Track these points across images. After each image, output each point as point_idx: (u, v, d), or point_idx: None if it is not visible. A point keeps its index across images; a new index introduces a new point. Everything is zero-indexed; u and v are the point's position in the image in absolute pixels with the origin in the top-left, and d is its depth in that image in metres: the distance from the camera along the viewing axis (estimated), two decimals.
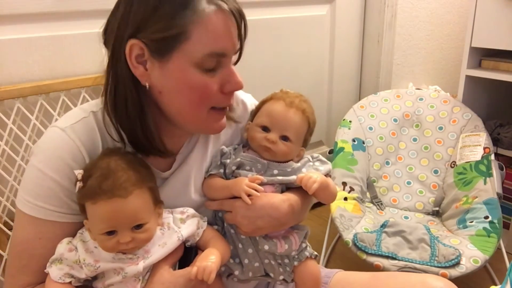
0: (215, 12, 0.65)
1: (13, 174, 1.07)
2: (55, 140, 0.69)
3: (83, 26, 1.18)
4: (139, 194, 0.65)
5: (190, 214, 0.75)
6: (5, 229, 1.06)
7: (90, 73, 1.20)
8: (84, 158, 0.69)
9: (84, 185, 0.65)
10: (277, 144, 0.78)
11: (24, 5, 1.07)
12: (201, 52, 0.65)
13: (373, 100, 1.73)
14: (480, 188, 1.38)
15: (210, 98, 0.69)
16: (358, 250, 1.24)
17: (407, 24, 1.93)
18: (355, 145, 1.60)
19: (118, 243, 0.64)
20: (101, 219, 0.64)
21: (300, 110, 0.80)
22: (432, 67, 2.12)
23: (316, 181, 0.75)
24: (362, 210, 1.44)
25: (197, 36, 0.65)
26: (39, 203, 0.67)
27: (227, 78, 0.69)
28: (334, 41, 1.86)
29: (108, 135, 0.72)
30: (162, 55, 0.66)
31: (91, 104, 0.76)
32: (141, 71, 0.67)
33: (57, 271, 0.66)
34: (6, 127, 1.05)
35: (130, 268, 0.65)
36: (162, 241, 0.69)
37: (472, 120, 1.59)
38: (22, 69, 1.10)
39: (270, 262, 0.79)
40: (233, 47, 0.69)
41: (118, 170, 0.64)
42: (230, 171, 0.79)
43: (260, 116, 0.82)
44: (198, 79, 0.67)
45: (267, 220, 0.75)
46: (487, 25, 1.52)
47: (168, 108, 0.70)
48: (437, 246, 1.23)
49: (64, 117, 0.73)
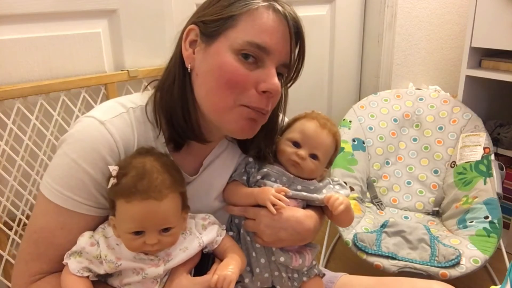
0: (266, 8, 0.68)
1: (13, 174, 1.07)
2: (93, 132, 0.67)
3: (83, 26, 1.18)
4: (172, 198, 0.65)
5: (211, 220, 0.75)
6: (5, 229, 1.06)
7: (90, 73, 1.20)
8: (120, 155, 0.68)
9: (118, 182, 0.64)
10: (306, 160, 0.80)
11: (24, 5, 1.07)
12: (242, 39, 0.67)
13: (373, 100, 1.73)
14: (480, 188, 1.38)
15: (238, 87, 0.68)
16: (358, 250, 1.24)
17: (407, 24, 1.93)
18: (355, 145, 1.60)
19: (144, 243, 0.64)
20: (132, 218, 0.63)
21: (332, 132, 0.83)
22: (432, 67, 2.12)
23: (343, 203, 0.77)
24: (362, 210, 1.44)
25: (243, 25, 0.67)
26: (68, 193, 0.66)
27: (264, 77, 0.68)
28: (334, 41, 1.86)
29: (143, 134, 0.72)
30: (209, 38, 0.69)
31: (129, 99, 0.75)
32: (189, 53, 0.71)
33: (76, 264, 0.65)
34: (6, 127, 1.04)
35: (151, 270, 0.66)
36: (183, 246, 0.69)
37: (472, 120, 1.59)
38: (22, 69, 1.10)
39: (281, 274, 0.79)
40: (278, 48, 0.68)
41: (154, 172, 0.64)
42: (255, 180, 0.80)
43: (292, 132, 0.83)
44: (230, 63, 0.67)
45: (290, 233, 0.75)
46: (487, 25, 1.52)
47: (199, 91, 0.71)
48: (437, 246, 1.23)
49: (102, 109, 0.72)
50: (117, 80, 1.21)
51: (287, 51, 0.70)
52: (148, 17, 1.27)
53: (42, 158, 1.11)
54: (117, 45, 1.24)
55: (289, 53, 0.70)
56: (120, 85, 1.22)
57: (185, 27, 0.73)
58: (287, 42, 0.69)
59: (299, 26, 0.72)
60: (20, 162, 1.07)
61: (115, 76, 1.21)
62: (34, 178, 1.11)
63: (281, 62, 0.70)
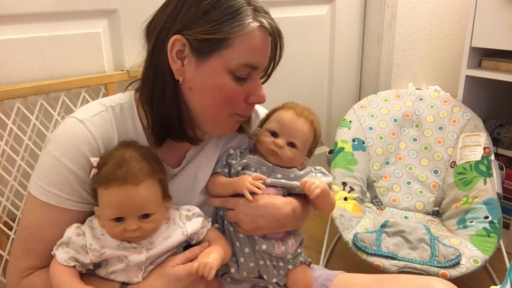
0: (258, 29, 0.71)
1: (13, 174, 1.07)
2: (73, 130, 0.71)
3: (83, 26, 1.18)
4: (149, 184, 0.68)
5: (196, 212, 0.77)
6: (5, 229, 1.06)
7: (90, 73, 1.20)
8: (100, 150, 0.72)
9: (99, 171, 0.67)
10: (284, 149, 0.81)
11: (24, 5, 1.07)
12: (238, 61, 0.70)
13: (373, 100, 1.73)
14: (480, 188, 1.38)
15: (234, 104, 0.74)
16: (358, 250, 1.24)
17: (407, 24, 1.93)
18: (355, 145, 1.60)
19: (124, 230, 0.66)
20: (112, 204, 0.66)
21: (308, 120, 0.84)
22: (432, 67, 2.12)
23: (318, 187, 0.77)
24: (362, 210, 1.44)
25: (238, 46, 0.70)
26: (53, 189, 0.70)
27: (253, 90, 0.74)
28: (334, 41, 1.86)
29: (124, 131, 0.75)
30: (201, 55, 0.70)
31: (110, 99, 0.79)
32: (178, 66, 0.71)
33: (63, 254, 0.68)
34: (6, 127, 1.05)
35: (134, 257, 0.68)
36: (166, 234, 0.71)
37: (472, 120, 1.59)
38: (22, 69, 1.10)
39: (266, 263, 0.80)
40: (265, 62, 0.75)
41: (132, 161, 0.67)
42: (236, 171, 0.81)
43: (270, 122, 0.85)
44: (228, 84, 0.72)
45: (269, 219, 0.76)
46: (487, 25, 1.52)
47: (194, 103, 0.74)
48: (437, 246, 1.23)
49: (83, 109, 0.76)
50: (117, 80, 1.21)
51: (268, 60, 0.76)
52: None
53: None
54: (117, 45, 1.24)
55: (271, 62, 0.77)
56: (120, 85, 1.22)
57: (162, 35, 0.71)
58: (269, 52, 0.75)
59: (280, 34, 0.76)
60: (20, 162, 1.07)
61: (115, 76, 1.21)
62: None
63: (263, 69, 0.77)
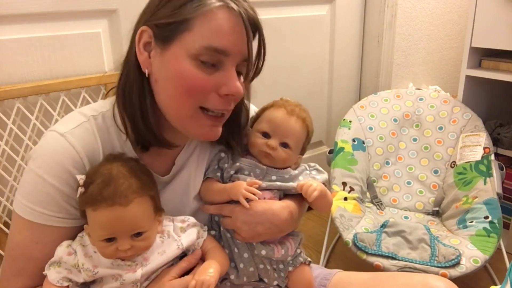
0: (221, 8, 0.65)
1: (13, 174, 1.07)
2: (54, 145, 0.68)
3: (83, 26, 1.18)
4: (139, 203, 0.65)
5: (191, 223, 0.74)
6: (5, 229, 1.06)
7: (90, 73, 1.20)
8: (84, 164, 0.68)
9: (86, 190, 0.64)
10: (277, 150, 0.79)
11: (24, 5, 1.07)
12: (199, 44, 0.64)
13: (373, 100, 1.73)
14: (480, 188, 1.38)
15: (199, 95, 0.67)
16: (358, 250, 1.24)
17: (407, 24, 1.93)
18: (355, 145, 1.60)
19: (117, 250, 0.64)
20: (101, 226, 0.63)
21: (300, 118, 0.82)
22: (432, 67, 2.12)
23: (316, 189, 0.76)
24: (362, 210, 1.44)
25: (198, 28, 0.64)
26: (38, 208, 0.67)
27: (225, 81, 0.67)
28: (334, 41, 1.86)
29: (108, 141, 0.72)
30: (164, 43, 0.66)
31: (90, 107, 0.75)
32: (144, 57, 0.68)
33: (55, 274, 0.66)
34: (6, 127, 1.05)
35: (128, 276, 0.65)
36: (161, 249, 0.69)
37: (472, 120, 1.59)
38: (22, 69, 1.10)
39: (266, 267, 0.79)
40: (237, 49, 0.67)
41: (120, 177, 0.64)
42: (228, 175, 0.79)
43: (261, 123, 0.82)
44: (189, 70, 0.65)
45: (267, 226, 0.75)
46: (487, 25, 1.52)
47: (159, 97, 0.70)
48: (437, 246, 1.23)
49: (63, 121, 0.72)
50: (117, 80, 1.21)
51: (246, 48, 0.68)
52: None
53: None
54: (117, 45, 1.24)
55: (247, 51, 0.68)
56: None
57: (135, 29, 0.70)
58: (244, 39, 0.67)
59: (256, 22, 0.69)
60: (20, 162, 1.07)
61: (115, 76, 1.20)
62: None
63: (240, 60, 0.69)
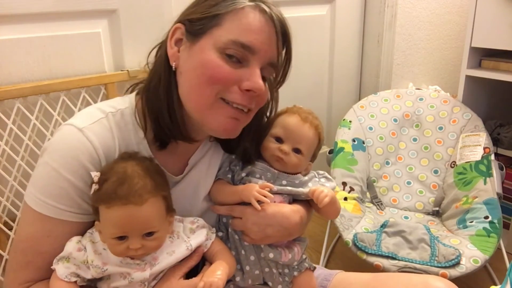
0: (252, 8, 0.68)
1: (13, 174, 1.07)
2: (72, 140, 0.67)
3: (83, 26, 1.18)
4: (153, 203, 0.65)
5: (200, 224, 0.75)
6: (5, 229, 1.06)
7: (90, 73, 1.20)
8: (100, 161, 0.68)
9: (100, 188, 0.64)
10: (290, 155, 0.80)
11: (24, 5, 1.07)
12: (226, 37, 0.66)
13: (373, 100, 1.72)
14: (480, 188, 1.38)
15: (220, 84, 0.68)
16: (358, 250, 1.24)
17: (407, 24, 1.93)
18: (355, 145, 1.60)
19: (128, 248, 0.64)
20: (114, 224, 0.64)
21: (313, 126, 0.83)
22: (432, 67, 2.12)
23: (327, 195, 0.77)
24: (362, 210, 1.44)
25: (228, 24, 0.67)
26: (51, 201, 0.67)
27: (248, 76, 0.68)
28: (334, 41, 1.86)
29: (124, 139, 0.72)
30: (194, 37, 0.69)
31: (108, 104, 0.75)
32: (173, 51, 0.71)
33: (63, 269, 0.66)
34: (6, 127, 1.04)
35: (137, 274, 0.66)
36: (170, 249, 0.69)
37: (472, 120, 1.59)
38: (22, 69, 1.10)
39: (271, 270, 0.79)
40: (263, 48, 0.68)
41: (135, 177, 0.64)
42: (239, 177, 0.80)
43: (274, 128, 0.84)
44: (214, 60, 0.67)
45: (277, 229, 0.75)
46: (487, 25, 1.52)
47: (182, 89, 0.71)
48: (437, 246, 1.23)
49: (80, 115, 0.72)
50: (117, 80, 1.21)
51: (273, 51, 0.69)
52: (148, 17, 1.27)
53: None
54: (117, 45, 1.24)
55: (276, 54, 0.70)
56: (120, 85, 1.22)
57: (171, 26, 0.73)
58: (273, 43, 0.69)
59: (285, 28, 0.71)
60: (20, 162, 1.07)
61: (115, 76, 1.21)
62: None
63: (267, 62, 0.70)
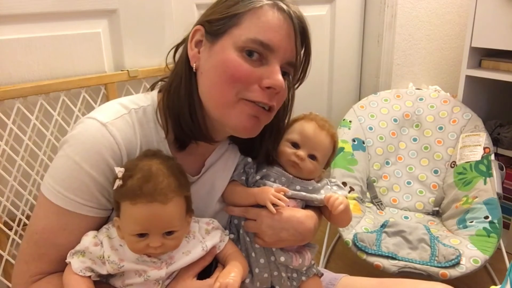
0: (270, 7, 0.68)
1: (13, 174, 1.07)
2: (95, 134, 0.67)
3: (83, 26, 1.18)
4: (177, 202, 0.65)
5: (215, 225, 0.75)
6: (5, 229, 1.06)
7: (90, 73, 1.20)
8: (122, 157, 0.68)
9: (124, 184, 0.64)
10: (305, 161, 0.81)
11: (24, 5, 1.07)
12: (245, 36, 0.67)
13: (373, 100, 1.73)
14: (480, 188, 1.38)
15: (241, 83, 0.68)
16: (358, 250, 1.24)
17: (407, 24, 1.93)
18: (355, 145, 1.60)
19: (147, 246, 0.64)
20: (136, 220, 0.63)
21: (330, 134, 0.84)
22: (432, 67, 2.12)
23: (342, 203, 0.77)
24: (362, 210, 1.44)
25: (247, 23, 0.68)
26: (70, 195, 0.66)
27: (268, 74, 0.68)
28: (334, 41, 1.86)
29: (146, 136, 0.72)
30: (213, 37, 0.69)
31: (131, 100, 0.75)
32: (194, 53, 0.72)
33: (78, 263, 0.65)
34: (6, 127, 1.04)
35: (153, 272, 0.66)
36: (186, 249, 0.69)
37: (472, 120, 1.59)
38: (22, 69, 1.10)
39: (280, 274, 0.79)
40: (282, 46, 0.68)
41: (160, 175, 0.64)
42: (254, 180, 0.81)
43: (291, 133, 0.84)
44: (234, 59, 0.67)
45: (292, 233, 0.75)
46: (487, 25, 1.52)
47: (202, 89, 0.71)
48: (437, 246, 1.23)
49: (103, 110, 0.71)
50: (117, 80, 1.21)
51: (292, 49, 0.70)
52: (148, 17, 1.27)
53: (42, 158, 1.11)
54: (117, 45, 1.24)
55: (295, 52, 0.70)
56: (120, 85, 1.22)
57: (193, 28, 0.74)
58: (291, 41, 0.69)
59: (304, 25, 0.72)
60: (20, 162, 1.07)
61: (115, 76, 1.21)
62: (34, 178, 1.11)
63: (286, 61, 0.70)
